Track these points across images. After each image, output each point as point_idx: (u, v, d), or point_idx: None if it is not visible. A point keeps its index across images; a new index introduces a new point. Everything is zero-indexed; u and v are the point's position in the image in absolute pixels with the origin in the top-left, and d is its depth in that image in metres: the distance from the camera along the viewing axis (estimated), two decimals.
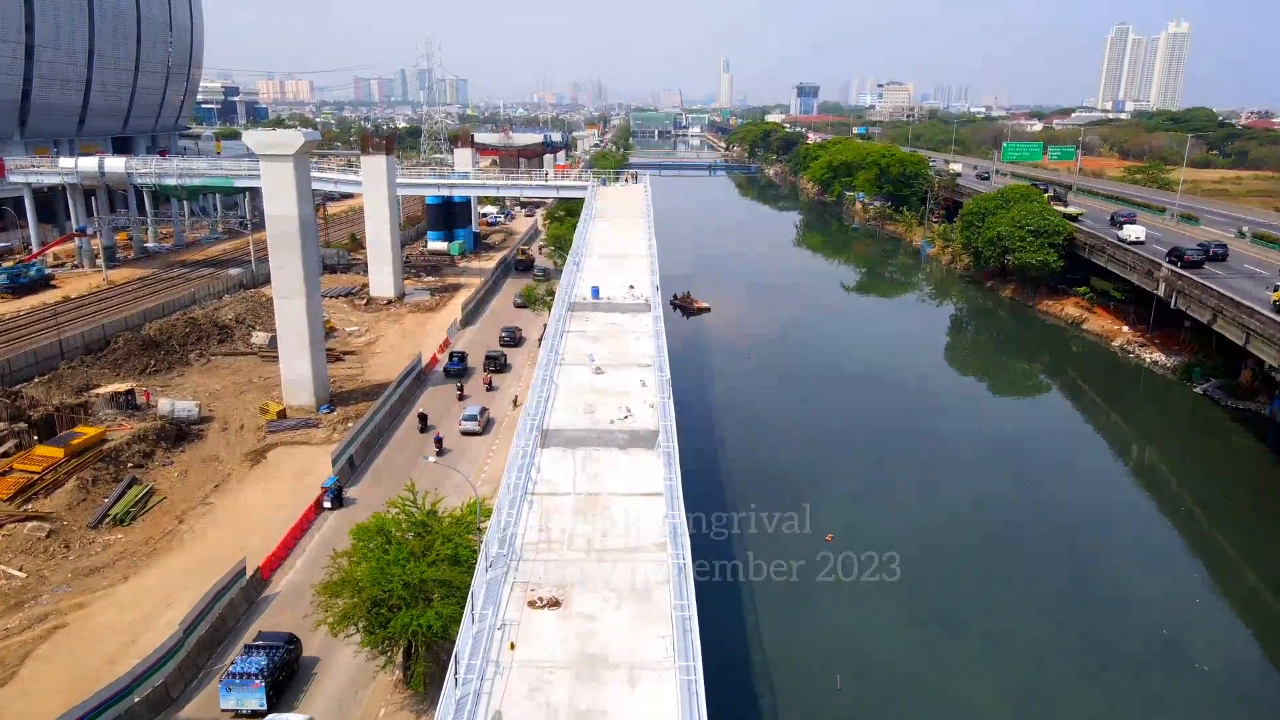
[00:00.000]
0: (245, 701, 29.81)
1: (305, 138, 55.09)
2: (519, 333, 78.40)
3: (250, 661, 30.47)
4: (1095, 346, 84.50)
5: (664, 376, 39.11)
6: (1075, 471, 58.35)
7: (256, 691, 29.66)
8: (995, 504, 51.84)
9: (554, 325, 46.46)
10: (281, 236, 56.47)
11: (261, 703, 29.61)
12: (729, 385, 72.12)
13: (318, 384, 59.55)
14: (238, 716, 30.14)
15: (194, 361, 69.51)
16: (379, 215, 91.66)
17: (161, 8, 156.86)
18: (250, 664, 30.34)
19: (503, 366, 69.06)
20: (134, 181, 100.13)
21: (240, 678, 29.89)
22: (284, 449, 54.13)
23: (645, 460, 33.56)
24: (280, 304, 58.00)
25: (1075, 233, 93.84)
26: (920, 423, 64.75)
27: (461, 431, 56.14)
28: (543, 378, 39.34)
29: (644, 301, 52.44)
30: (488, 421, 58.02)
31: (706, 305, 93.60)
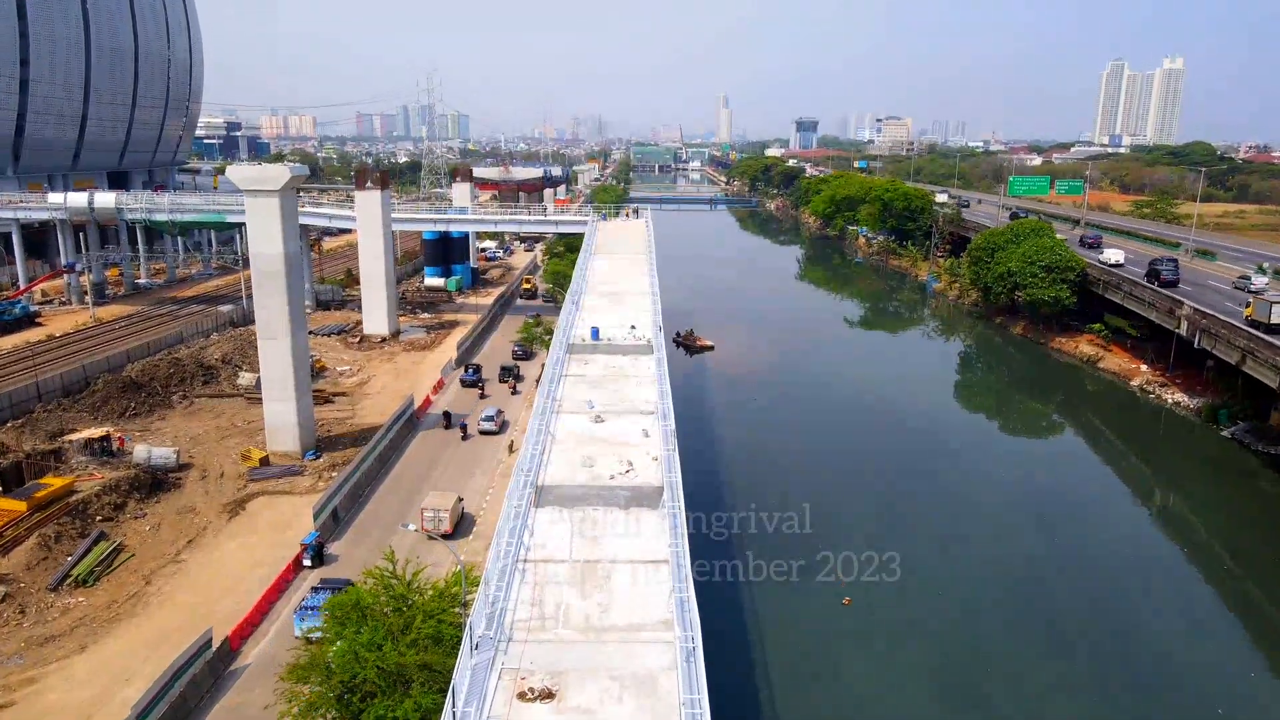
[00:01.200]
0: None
1: (292, 173, 52.75)
2: (530, 346, 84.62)
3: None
4: (1112, 386, 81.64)
5: (668, 426, 36.30)
6: (1099, 520, 55.20)
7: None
8: (1016, 557, 48.69)
9: (551, 369, 43.77)
10: (266, 275, 53.90)
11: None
12: (734, 429, 69.07)
13: (303, 429, 56.63)
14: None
15: (177, 404, 66.63)
16: (373, 251, 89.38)
17: (160, 42, 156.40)
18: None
19: (517, 377, 75.68)
20: (124, 217, 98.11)
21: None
22: (265, 499, 51.07)
23: (649, 522, 30.67)
24: (264, 345, 55.27)
25: (1089, 268, 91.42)
26: (935, 466, 61.74)
27: (480, 431, 62.59)
28: (538, 427, 36.56)
29: (646, 343, 49.82)
30: (503, 423, 64.38)
31: (710, 343, 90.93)
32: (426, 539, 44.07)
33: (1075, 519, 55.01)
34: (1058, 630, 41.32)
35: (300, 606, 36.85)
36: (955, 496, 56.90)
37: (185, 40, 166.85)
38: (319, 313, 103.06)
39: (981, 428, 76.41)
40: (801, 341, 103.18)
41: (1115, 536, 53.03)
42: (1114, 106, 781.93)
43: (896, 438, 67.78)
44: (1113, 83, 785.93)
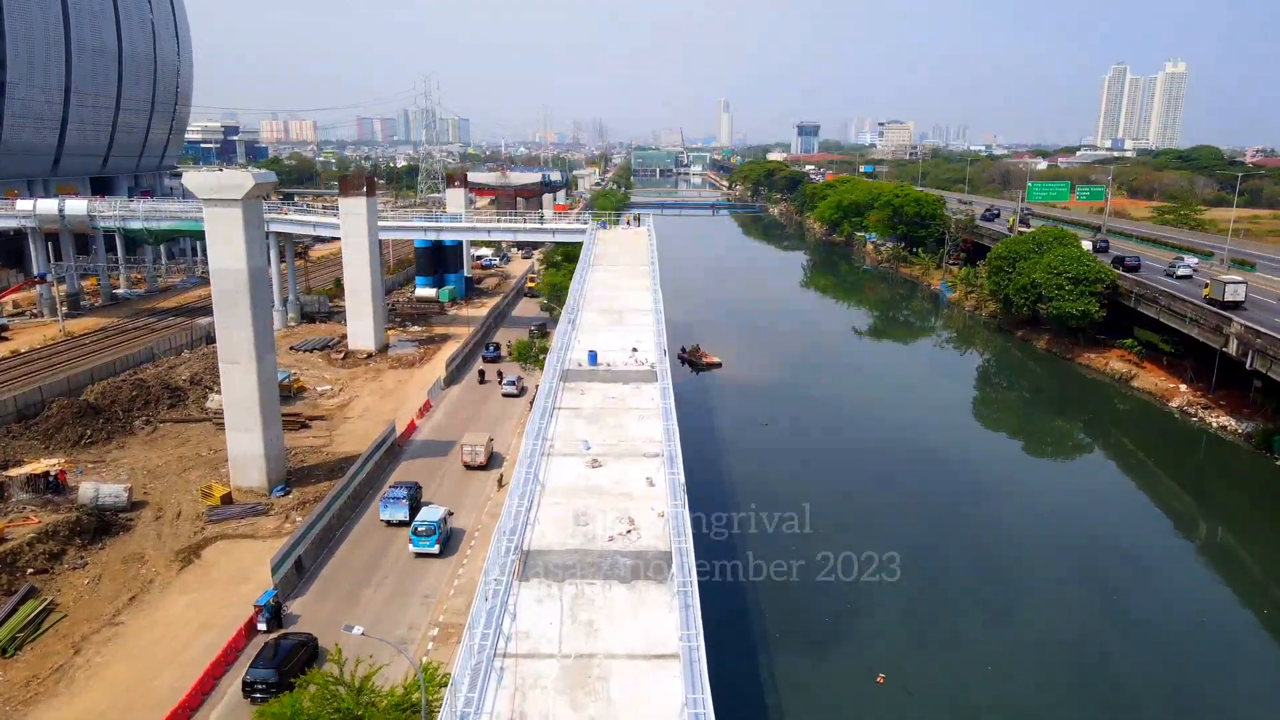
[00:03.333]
0: None
1: (256, 179, 47.40)
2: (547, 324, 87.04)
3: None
4: (1148, 407, 76.18)
5: (676, 477, 31.04)
6: (1141, 557, 49.96)
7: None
8: (1065, 602, 43.34)
9: (542, 401, 38.55)
10: (228, 293, 48.58)
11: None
12: (746, 462, 62.54)
13: (271, 462, 51.26)
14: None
15: (139, 430, 61.25)
16: (358, 261, 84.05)
17: (146, 43, 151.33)
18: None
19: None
20: (96, 225, 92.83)
21: None
22: (224, 544, 45.69)
23: (654, 600, 25.43)
24: (227, 370, 49.91)
25: (1119, 280, 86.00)
26: (967, 500, 56.31)
27: (503, 394, 72.85)
28: (525, 477, 31.36)
29: (649, 368, 44.63)
30: (522, 388, 72.73)
31: (717, 360, 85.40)
32: (398, 601, 38.78)
33: (1116, 557, 49.65)
34: (1112, 685, 35.92)
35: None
36: (992, 536, 51.49)
37: (173, 41, 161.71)
38: (303, 325, 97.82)
39: (1011, 453, 70.84)
40: (813, 356, 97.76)
41: (1161, 576, 47.87)
42: (1116, 111, 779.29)
43: (927, 470, 62.30)
44: (1115, 87, 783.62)
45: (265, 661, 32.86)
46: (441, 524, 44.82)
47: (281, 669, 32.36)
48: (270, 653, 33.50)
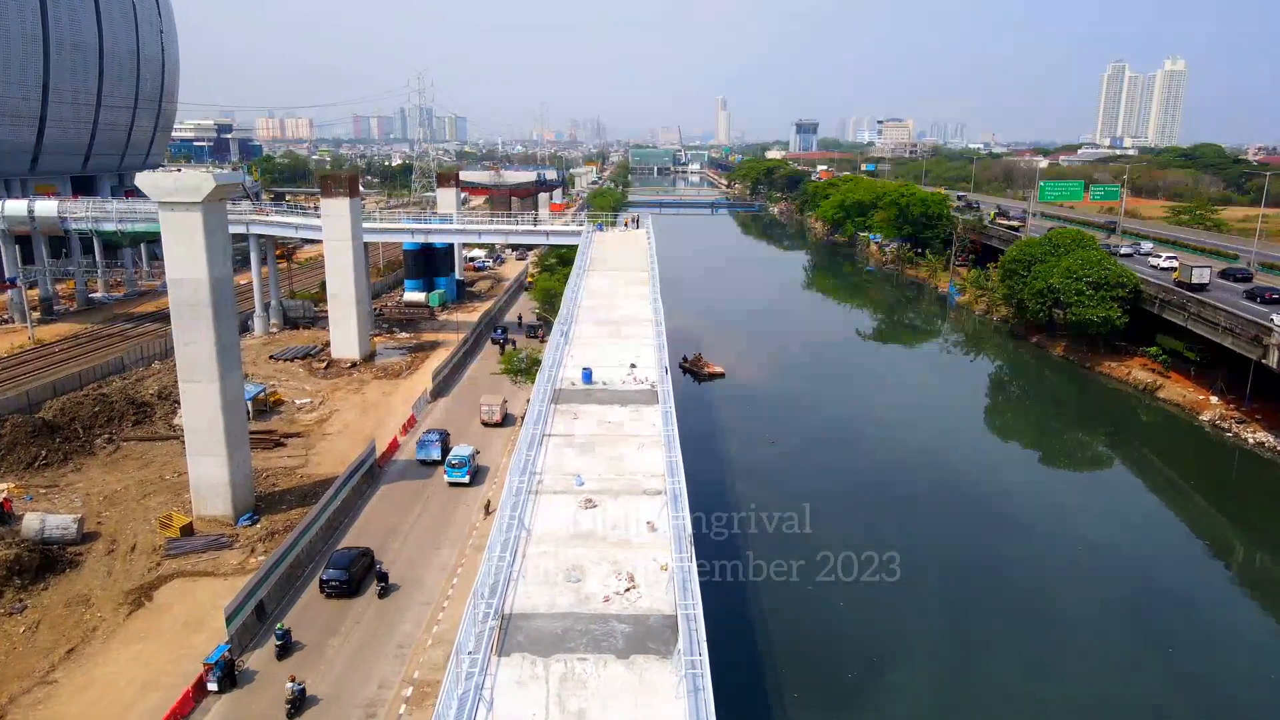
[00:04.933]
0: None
1: (217, 180, 43.03)
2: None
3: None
4: (1176, 420, 72.02)
5: (682, 525, 27.01)
6: (1182, 589, 45.90)
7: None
8: (1094, 639, 39.20)
9: (530, 428, 34.45)
10: (188, 305, 44.25)
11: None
12: (755, 492, 55.88)
13: (237, 489, 46.98)
14: None
15: (99, 450, 56.89)
16: (341, 266, 79.70)
17: (128, 38, 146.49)
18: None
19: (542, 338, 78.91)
20: (67, 227, 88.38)
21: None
22: (180, 583, 41.39)
23: (657, 682, 21.44)
24: (187, 389, 45.59)
25: (1143, 285, 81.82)
26: (986, 518, 52.18)
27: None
28: (508, 521, 27.30)
29: (650, 388, 40.62)
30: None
31: (720, 369, 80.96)
32: (371, 646, 34.56)
33: (1145, 584, 45.75)
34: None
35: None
36: (1010, 553, 47.37)
37: (157, 35, 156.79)
38: (286, 332, 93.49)
39: (1026, 464, 66.66)
40: (820, 363, 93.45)
41: (1201, 610, 43.61)
42: (1115, 108, 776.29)
43: (942, 480, 58.25)
44: (1114, 84, 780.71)
45: (337, 565, 40.63)
46: (472, 458, 54.12)
47: (350, 570, 40.34)
48: (341, 559, 41.17)
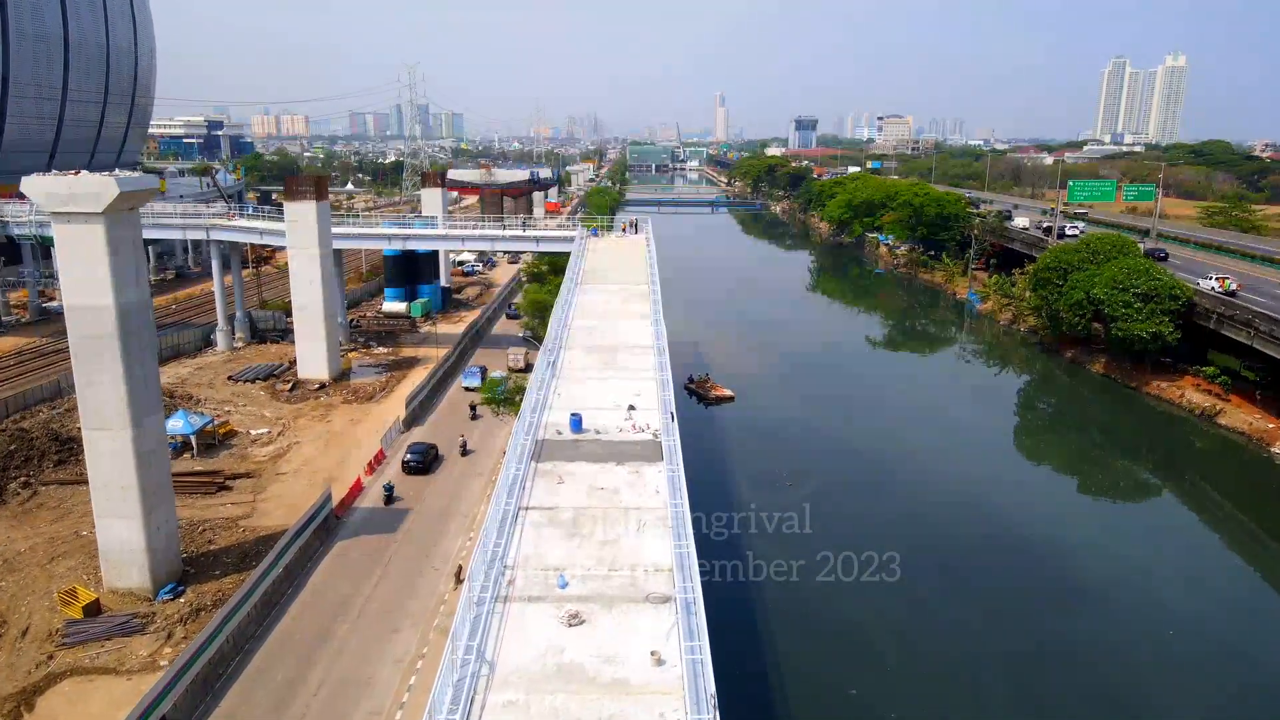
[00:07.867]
0: None
1: (123, 187, 34.86)
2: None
3: None
4: (1241, 450, 64.20)
5: (700, 661, 19.68)
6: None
7: None
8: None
9: (502, 500, 26.98)
10: (90, 339, 36.21)
11: None
12: (772, 559, 45.34)
13: (157, 555, 39.01)
14: None
15: (13, 496, 48.95)
16: (307, 276, 71.68)
17: (96, 30, 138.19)
18: None
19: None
20: (9, 232, 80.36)
21: None
22: (74, 684, 33.44)
23: None
24: (93, 439, 37.52)
25: (1196, 297, 73.95)
26: (1024, 556, 44.38)
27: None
28: (461, 657, 19.68)
29: (652, 437, 32.92)
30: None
31: (729, 393, 72.61)
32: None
33: (1219, 649, 37.88)
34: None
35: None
36: (1058, 596, 39.62)
37: (129, 27, 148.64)
38: (252, 347, 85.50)
39: (1078, 500, 58.81)
40: (837, 382, 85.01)
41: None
42: (1115, 105, 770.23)
43: (982, 515, 50.46)
44: (1114, 81, 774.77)
45: (416, 452, 54.61)
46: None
47: (425, 457, 54.44)
48: (421, 448, 54.93)
